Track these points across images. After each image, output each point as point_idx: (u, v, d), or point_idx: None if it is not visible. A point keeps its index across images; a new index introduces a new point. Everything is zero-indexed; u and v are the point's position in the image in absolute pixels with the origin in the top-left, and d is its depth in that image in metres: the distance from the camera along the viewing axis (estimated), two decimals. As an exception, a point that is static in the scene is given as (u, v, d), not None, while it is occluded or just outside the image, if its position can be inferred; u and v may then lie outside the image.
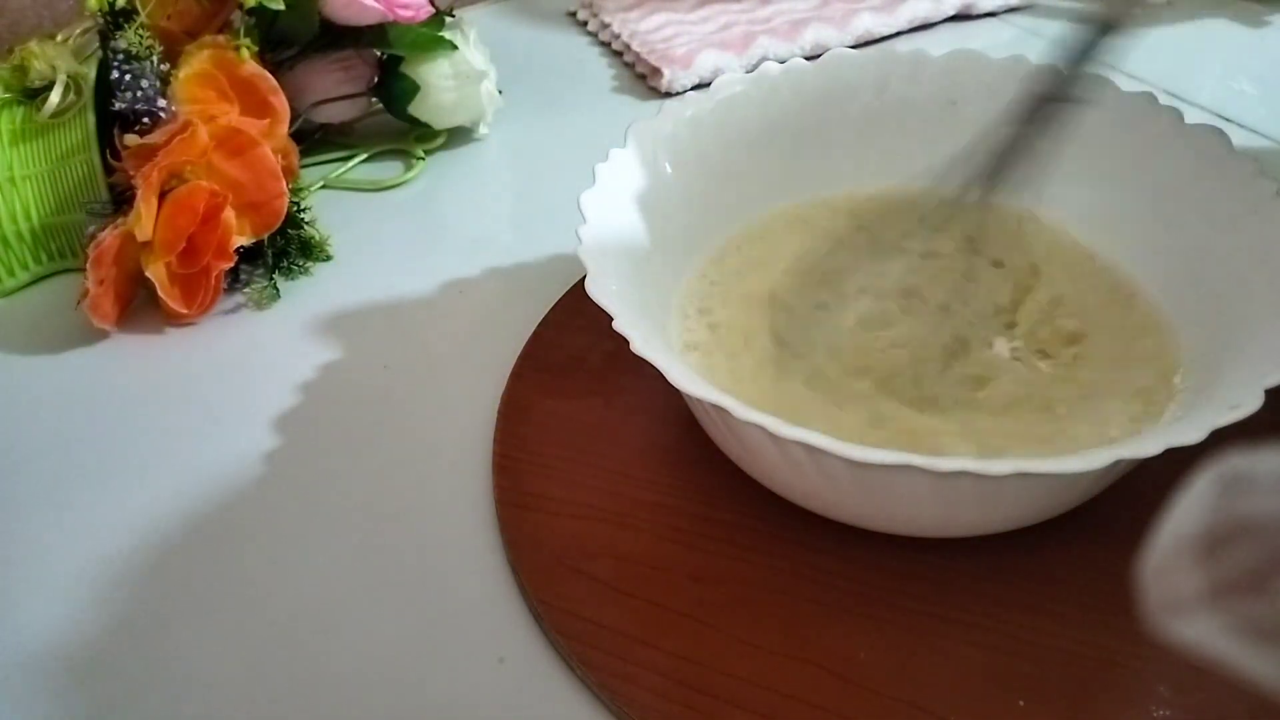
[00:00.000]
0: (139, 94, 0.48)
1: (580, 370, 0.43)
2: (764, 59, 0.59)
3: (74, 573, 0.38)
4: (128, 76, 0.48)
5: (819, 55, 0.47)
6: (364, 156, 0.61)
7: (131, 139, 0.47)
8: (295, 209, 0.51)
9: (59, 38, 0.53)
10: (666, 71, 0.66)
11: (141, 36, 0.49)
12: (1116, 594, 0.33)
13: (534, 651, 0.34)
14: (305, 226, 0.51)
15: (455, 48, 0.58)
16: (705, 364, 0.39)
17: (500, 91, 0.61)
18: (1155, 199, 0.42)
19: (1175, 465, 0.27)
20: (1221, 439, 0.27)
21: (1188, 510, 0.15)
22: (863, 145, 0.47)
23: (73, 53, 0.52)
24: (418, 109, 0.59)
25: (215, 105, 0.49)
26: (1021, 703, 0.31)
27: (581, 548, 0.36)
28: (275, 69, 0.53)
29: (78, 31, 0.54)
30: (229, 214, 0.47)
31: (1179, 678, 0.31)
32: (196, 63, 0.49)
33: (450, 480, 0.40)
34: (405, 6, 0.56)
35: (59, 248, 0.51)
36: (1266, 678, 0.14)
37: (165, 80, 0.49)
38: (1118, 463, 0.29)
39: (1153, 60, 0.63)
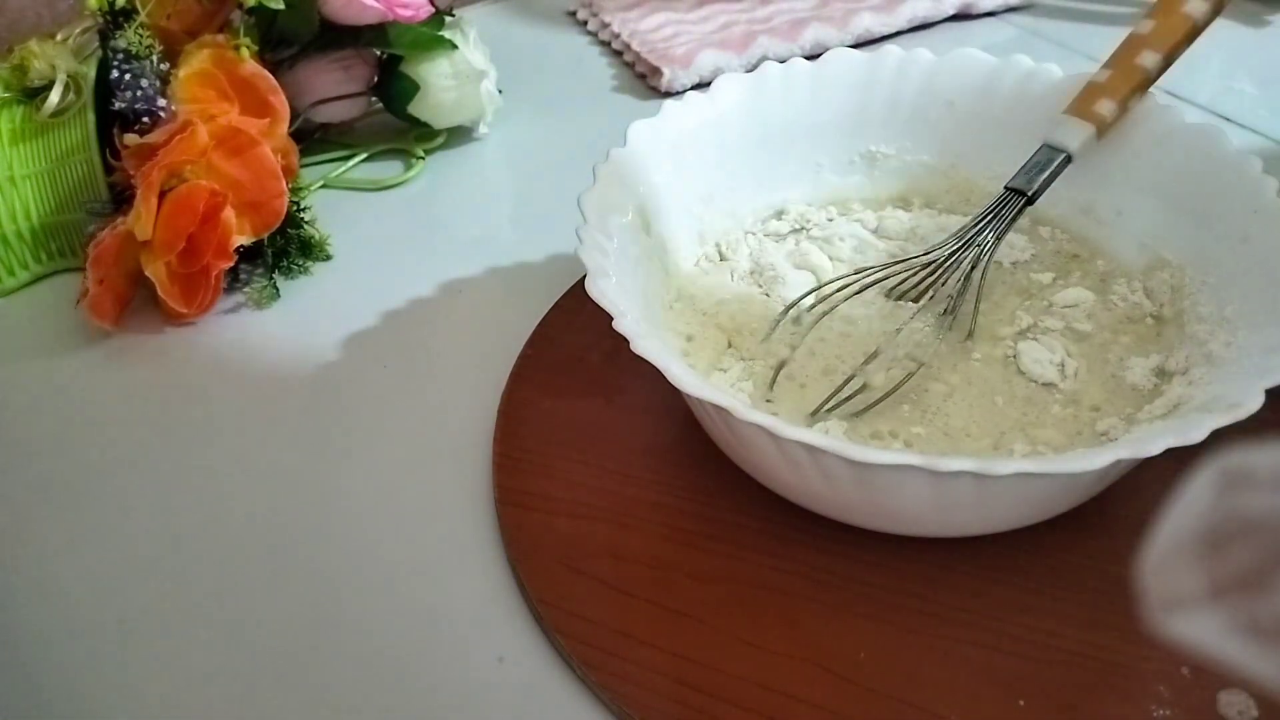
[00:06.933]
0: (139, 93, 0.48)
1: (580, 370, 0.43)
2: (764, 59, 0.59)
3: (74, 573, 0.38)
4: (128, 76, 0.48)
5: (819, 55, 0.47)
6: (364, 156, 0.61)
7: (131, 138, 0.47)
8: (295, 208, 0.51)
9: (59, 37, 0.53)
10: (666, 71, 0.66)
11: (141, 36, 0.49)
12: (1116, 594, 0.33)
13: (534, 651, 0.34)
14: (305, 226, 0.51)
15: (455, 47, 0.58)
16: (705, 363, 0.39)
17: (500, 91, 0.61)
18: (1154, 199, 0.42)
19: (1175, 465, 0.27)
20: (1221, 439, 0.27)
21: (1188, 509, 0.15)
22: (862, 145, 0.47)
23: (73, 52, 0.52)
24: (417, 108, 0.59)
25: (215, 105, 0.49)
26: (1021, 703, 0.31)
27: (581, 548, 0.36)
28: (275, 68, 0.53)
29: (78, 31, 0.54)
30: (229, 213, 0.47)
31: (1179, 678, 0.31)
32: (196, 62, 0.49)
33: (450, 480, 0.40)
34: (405, 6, 0.56)
35: (59, 247, 0.51)
36: (1266, 677, 0.14)
37: (165, 80, 0.49)
38: (1118, 463, 0.29)
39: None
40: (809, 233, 0.46)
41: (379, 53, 0.60)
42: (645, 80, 0.68)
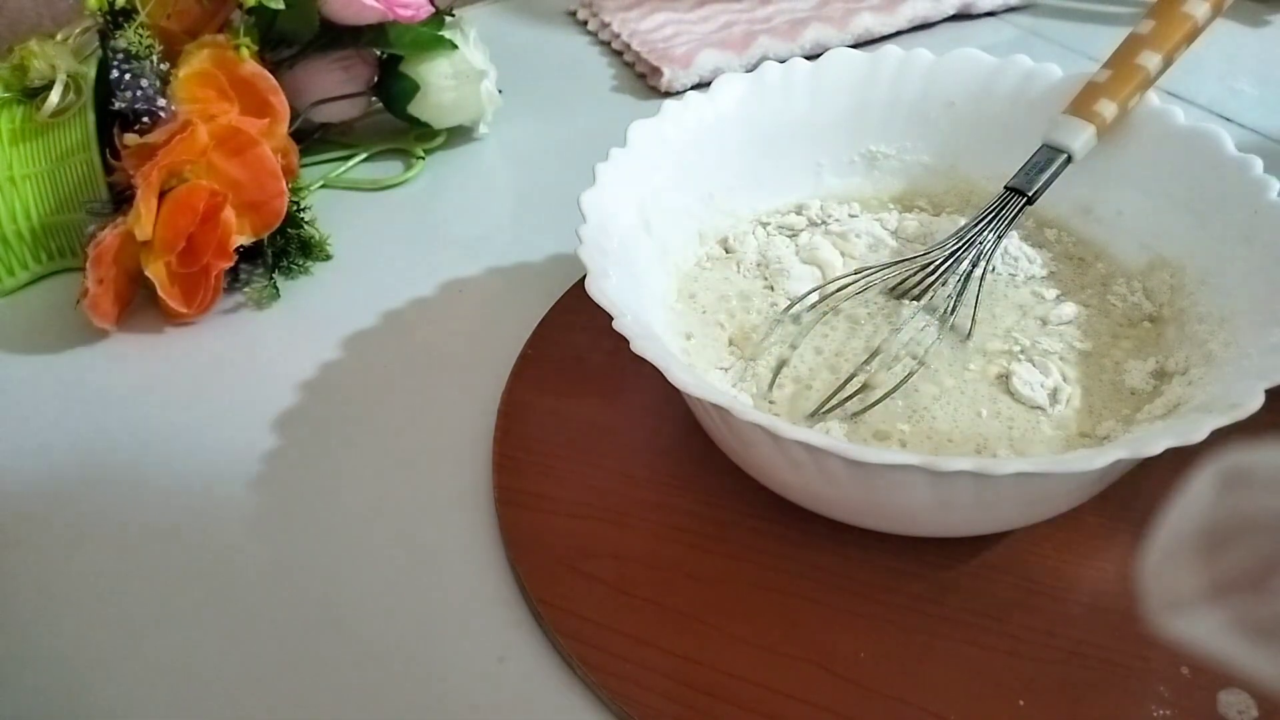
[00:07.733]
0: (139, 93, 0.48)
1: (580, 369, 0.43)
2: (764, 58, 0.59)
3: (74, 572, 0.38)
4: (128, 76, 0.48)
5: (819, 55, 0.47)
6: (364, 156, 0.61)
7: (131, 138, 0.47)
8: (295, 208, 0.51)
9: (59, 37, 0.53)
10: (666, 71, 0.66)
11: (141, 36, 0.49)
12: (1117, 594, 0.33)
13: (534, 651, 0.34)
14: (305, 226, 0.51)
15: (455, 47, 0.58)
16: (705, 362, 0.39)
17: (500, 91, 0.61)
18: (1154, 199, 0.42)
19: (1176, 465, 0.27)
20: (1221, 439, 0.27)
21: (1188, 509, 0.15)
22: (862, 145, 0.47)
23: (73, 52, 0.52)
24: (417, 108, 0.59)
25: (215, 104, 0.49)
26: (1021, 703, 0.31)
27: (581, 548, 0.36)
28: (275, 68, 0.53)
29: (78, 31, 0.54)
30: (228, 213, 0.47)
31: (1179, 678, 0.31)
32: (196, 62, 0.49)
33: (450, 480, 0.40)
34: (405, 6, 0.56)
35: (59, 247, 0.51)
36: (1266, 677, 0.14)
37: (165, 79, 0.49)
38: (1118, 463, 0.29)
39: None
40: (827, 227, 0.46)
41: (379, 53, 0.60)
42: (645, 80, 0.68)
